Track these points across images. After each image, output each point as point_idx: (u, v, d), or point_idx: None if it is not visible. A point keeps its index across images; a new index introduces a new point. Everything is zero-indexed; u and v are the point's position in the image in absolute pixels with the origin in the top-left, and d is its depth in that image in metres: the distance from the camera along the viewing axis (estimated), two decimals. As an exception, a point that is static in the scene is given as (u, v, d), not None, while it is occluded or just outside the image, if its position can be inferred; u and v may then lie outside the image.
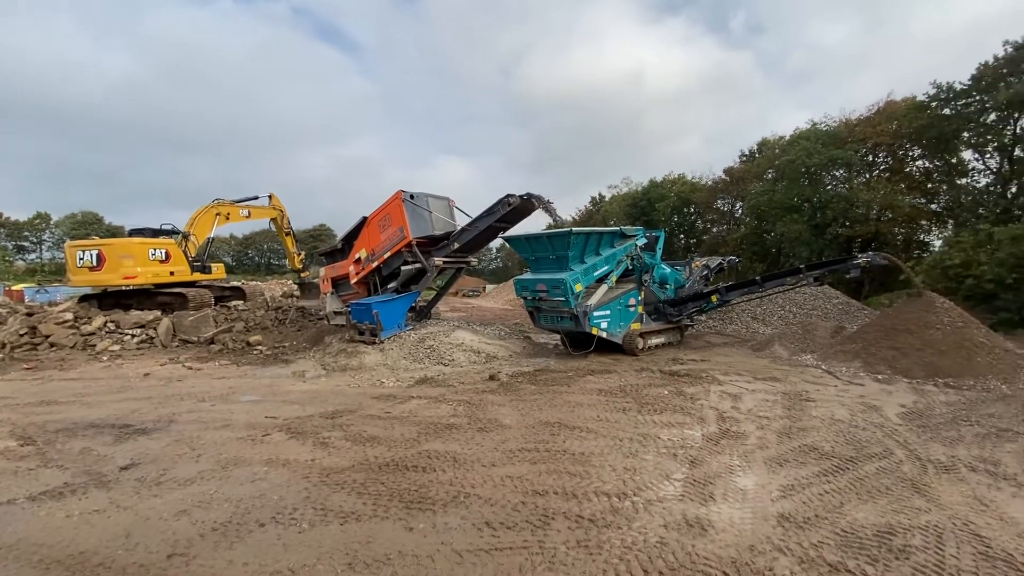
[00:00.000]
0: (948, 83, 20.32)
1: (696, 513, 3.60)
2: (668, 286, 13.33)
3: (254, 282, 34.60)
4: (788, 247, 24.35)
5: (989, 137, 20.03)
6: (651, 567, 2.92)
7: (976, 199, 20.21)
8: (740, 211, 35.27)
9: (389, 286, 12.93)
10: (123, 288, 16.01)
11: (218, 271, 19.73)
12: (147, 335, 13.99)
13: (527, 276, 10.97)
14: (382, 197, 12.70)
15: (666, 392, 7.46)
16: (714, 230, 38.88)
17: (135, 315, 14.64)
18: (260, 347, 13.14)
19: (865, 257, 10.26)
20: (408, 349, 10.77)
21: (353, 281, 13.67)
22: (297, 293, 21.11)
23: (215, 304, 17.23)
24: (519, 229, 12.35)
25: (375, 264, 12.97)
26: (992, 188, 20.14)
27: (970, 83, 19.75)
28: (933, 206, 22.60)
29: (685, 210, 40.28)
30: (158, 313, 14.94)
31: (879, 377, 8.62)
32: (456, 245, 12.07)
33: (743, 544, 3.17)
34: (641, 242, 11.92)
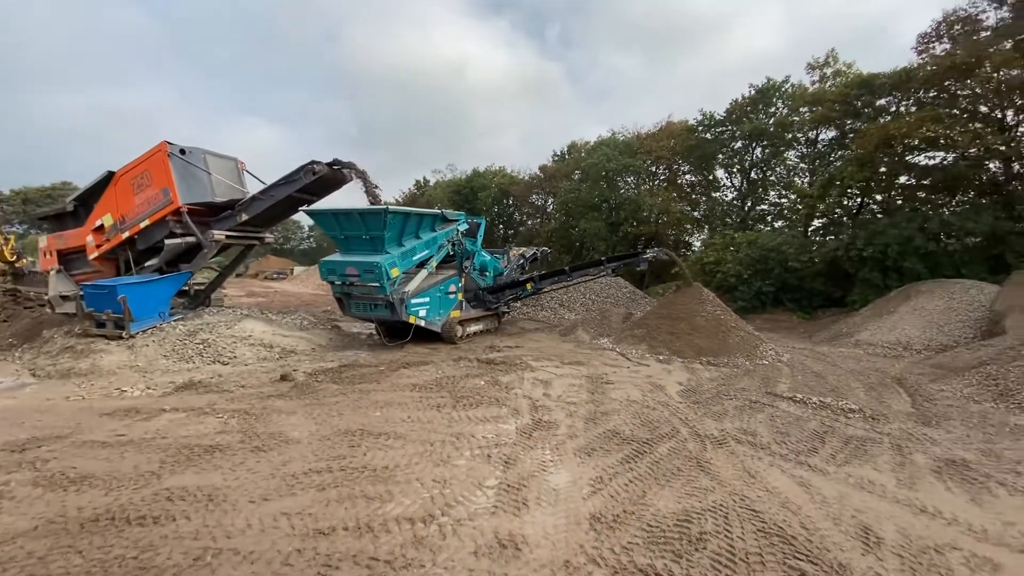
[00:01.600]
0: (711, 112, 24.94)
1: (509, 528, 3.20)
2: (488, 273, 13.33)
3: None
4: (590, 242, 27.07)
5: (735, 160, 25.18)
6: (458, 617, 2.38)
7: (725, 210, 25.31)
8: (552, 206, 38.16)
9: (148, 264, 10.18)
10: None
11: None
12: None
13: (335, 258, 9.65)
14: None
15: (482, 383, 7.17)
16: (529, 223, 41.38)
17: None
18: (-77, 346, 9.13)
19: (652, 252, 11.64)
20: (171, 345, 8.54)
21: (92, 256, 10.46)
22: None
23: None
24: (329, 204, 10.84)
25: (126, 235, 10.06)
26: (735, 202, 25.47)
27: (725, 115, 24.50)
28: (696, 213, 27.55)
29: (505, 201, 41.95)
30: None
31: (660, 358, 9.78)
32: (244, 216, 10.01)
33: (558, 560, 2.86)
34: (463, 228, 11.59)
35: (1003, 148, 14.99)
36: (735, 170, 25.65)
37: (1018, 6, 13.83)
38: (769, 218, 24.56)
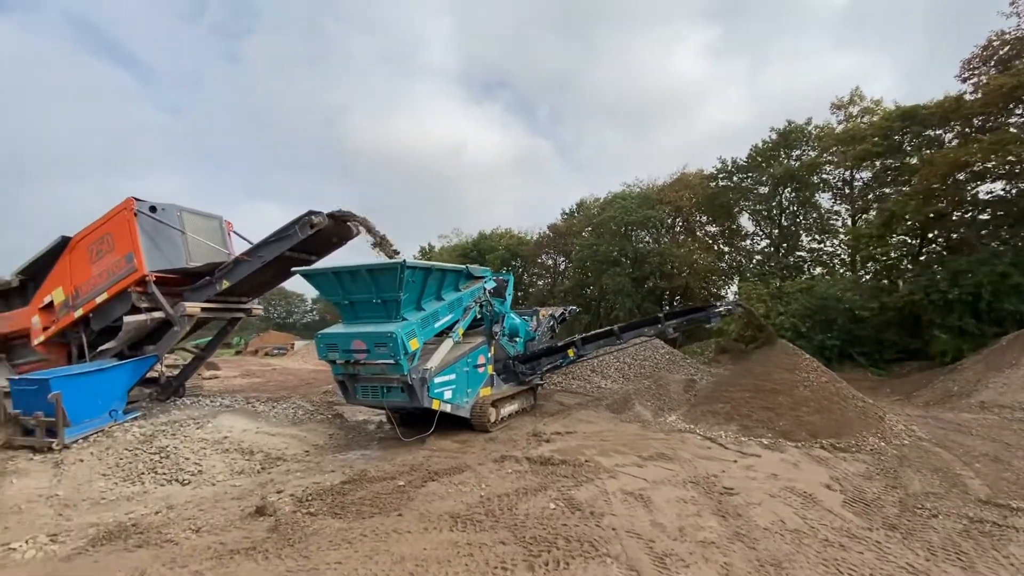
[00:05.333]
0: (733, 159, 23.80)
1: None
2: (518, 339, 11.20)
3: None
4: (612, 299, 25.10)
5: (760, 207, 23.71)
6: None
7: (761, 260, 23.51)
8: (564, 265, 36.63)
9: (104, 348, 8.13)
10: None
11: None
12: None
13: (337, 329, 7.60)
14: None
15: (552, 506, 4.85)
16: (540, 283, 39.75)
17: None
18: None
19: (725, 305, 9.58)
20: (116, 458, 6.30)
21: (37, 341, 8.44)
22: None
23: None
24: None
25: (79, 313, 8.11)
26: (768, 250, 23.74)
27: (747, 161, 23.33)
28: (722, 264, 25.76)
29: (513, 263, 40.61)
30: None
31: (764, 442, 7.45)
32: (225, 284, 8.09)
33: None
34: (490, 286, 9.63)
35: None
36: (762, 217, 24.11)
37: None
38: (806, 266, 22.67)
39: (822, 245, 22.26)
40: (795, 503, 4.93)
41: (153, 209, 8.09)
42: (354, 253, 9.27)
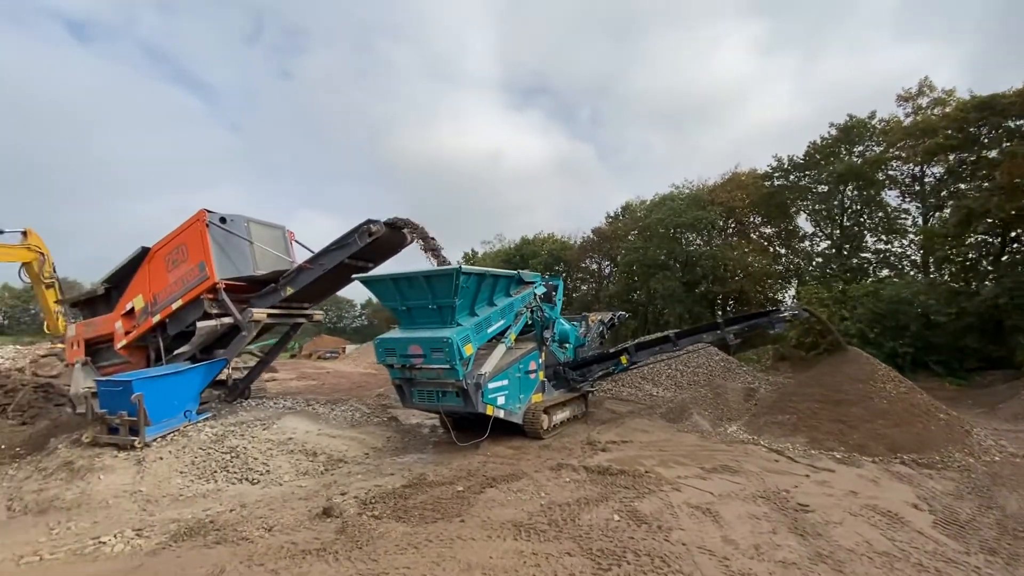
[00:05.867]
0: (790, 156, 22.75)
1: None
2: (568, 345, 11.06)
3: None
4: (661, 304, 24.47)
5: (821, 207, 22.52)
6: None
7: (824, 261, 22.30)
8: (608, 269, 36.08)
9: (178, 351, 8.63)
10: None
11: None
12: None
13: (395, 335, 7.75)
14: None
15: (615, 517, 4.73)
16: (583, 288, 39.31)
17: None
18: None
19: (790, 311, 9.12)
20: (191, 456, 6.64)
21: (119, 345, 9.04)
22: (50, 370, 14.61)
23: None
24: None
25: (156, 319, 8.64)
26: (828, 251, 22.50)
27: (804, 159, 22.25)
28: (778, 267, 24.59)
29: (556, 268, 40.38)
30: None
31: (836, 456, 7.02)
32: (289, 290, 8.42)
33: None
34: (540, 291, 9.58)
35: None
36: (822, 217, 22.87)
37: None
38: (871, 268, 21.30)
39: (889, 246, 20.90)
40: (880, 523, 4.59)
41: (223, 220, 8.54)
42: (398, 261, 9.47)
